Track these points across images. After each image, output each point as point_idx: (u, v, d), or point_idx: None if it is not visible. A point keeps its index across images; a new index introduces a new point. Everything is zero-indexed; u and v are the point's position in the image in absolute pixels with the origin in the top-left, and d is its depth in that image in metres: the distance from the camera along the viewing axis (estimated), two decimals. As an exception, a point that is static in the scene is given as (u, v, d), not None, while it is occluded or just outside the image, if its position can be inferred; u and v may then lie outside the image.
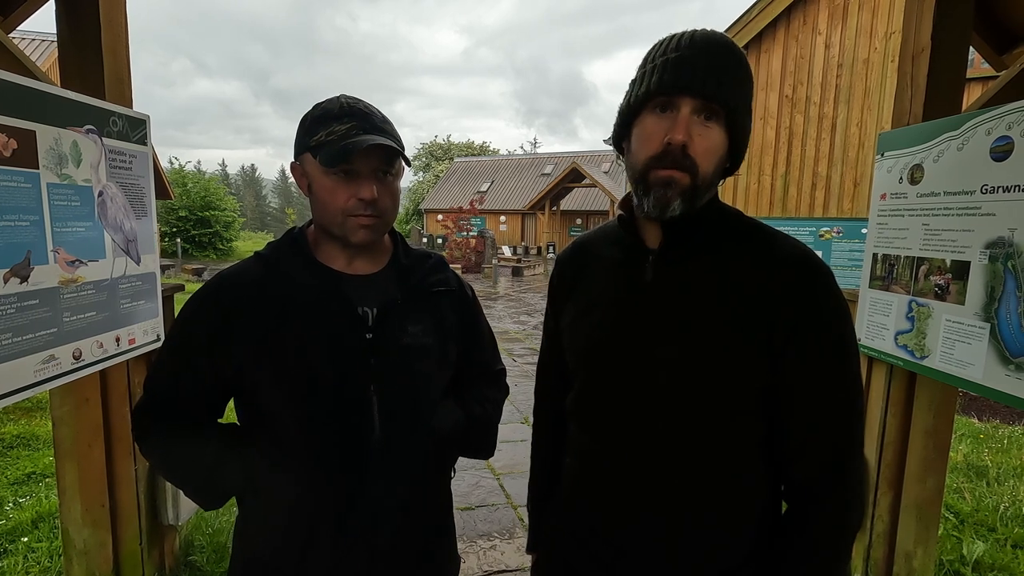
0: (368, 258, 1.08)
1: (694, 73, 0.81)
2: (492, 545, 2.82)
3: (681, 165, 0.83)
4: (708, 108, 0.82)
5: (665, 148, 0.83)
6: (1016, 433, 4.51)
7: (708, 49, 0.83)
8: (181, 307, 1.07)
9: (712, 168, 0.85)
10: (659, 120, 0.84)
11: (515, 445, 4.06)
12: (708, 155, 0.84)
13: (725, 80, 0.82)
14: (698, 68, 0.81)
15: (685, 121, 0.82)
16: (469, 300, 1.22)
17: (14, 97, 1.35)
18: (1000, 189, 1.54)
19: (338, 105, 1.00)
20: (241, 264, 1.07)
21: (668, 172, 0.83)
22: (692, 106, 0.82)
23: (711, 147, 0.84)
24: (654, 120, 0.85)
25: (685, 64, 0.82)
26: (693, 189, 0.84)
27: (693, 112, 0.82)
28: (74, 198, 1.55)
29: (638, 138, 0.87)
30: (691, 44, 0.83)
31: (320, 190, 0.99)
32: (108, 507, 2.04)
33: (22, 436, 4.02)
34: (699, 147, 0.83)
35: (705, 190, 0.86)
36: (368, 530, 1.02)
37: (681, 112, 0.82)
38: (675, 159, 0.82)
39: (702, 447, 0.88)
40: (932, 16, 1.88)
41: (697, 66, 0.82)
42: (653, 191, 0.85)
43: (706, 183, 0.85)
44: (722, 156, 0.86)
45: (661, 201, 0.85)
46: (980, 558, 2.63)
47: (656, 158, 0.84)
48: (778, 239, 0.90)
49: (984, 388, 1.59)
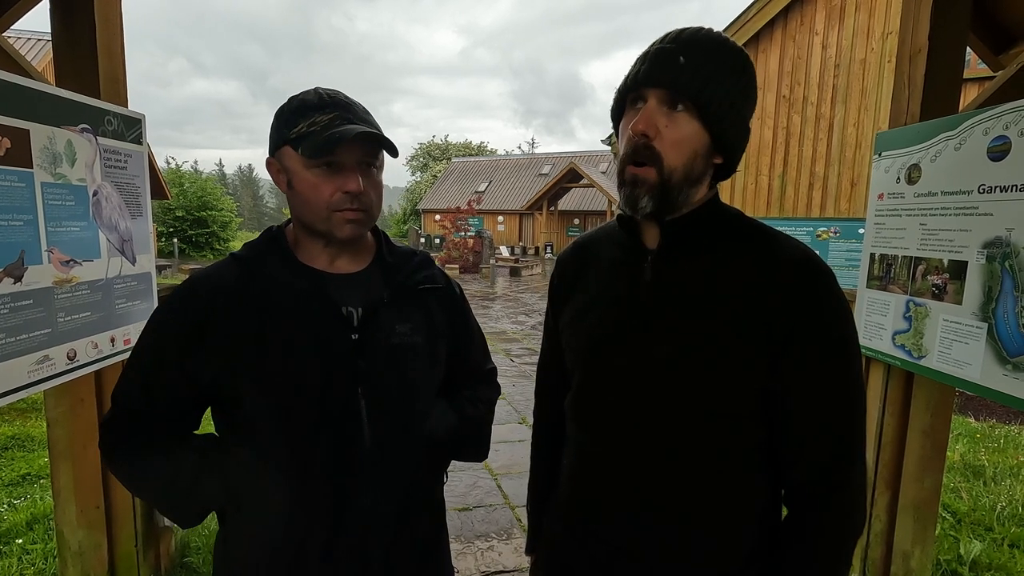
0: (351, 256, 1.03)
1: (658, 65, 0.81)
2: (490, 546, 2.82)
3: (645, 159, 0.82)
4: (672, 99, 0.82)
5: (633, 143, 0.83)
6: (1013, 433, 4.52)
7: (687, 42, 0.82)
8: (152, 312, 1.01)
9: (682, 161, 0.83)
10: (633, 114, 0.85)
11: (513, 445, 4.06)
12: (676, 147, 0.82)
13: (690, 69, 0.81)
14: (663, 60, 0.81)
15: (647, 112, 0.82)
16: (458, 297, 1.17)
17: (8, 96, 1.34)
18: (997, 189, 1.54)
19: (316, 96, 0.95)
20: (216, 265, 1.00)
21: (634, 170, 0.84)
22: (657, 97, 0.82)
23: (679, 138, 0.82)
24: (630, 115, 0.85)
25: (656, 57, 0.82)
26: (661, 185, 0.83)
27: (660, 103, 0.82)
28: (68, 198, 1.54)
29: (620, 136, 0.88)
30: (670, 39, 0.84)
31: (302, 184, 0.94)
32: (103, 508, 2.03)
33: (16, 437, 4.00)
34: (666, 139, 0.82)
35: (679, 185, 0.84)
36: (360, 541, 0.97)
37: (648, 104, 0.82)
38: (639, 152, 0.83)
39: (701, 447, 0.87)
40: (929, 16, 1.88)
41: (664, 58, 0.82)
42: (624, 188, 0.86)
43: (677, 177, 0.83)
44: (697, 149, 0.84)
45: (630, 200, 0.85)
46: (977, 558, 2.64)
47: (629, 154, 0.84)
48: (779, 240, 0.89)
49: (981, 388, 1.59)
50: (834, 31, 6.77)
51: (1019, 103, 1.50)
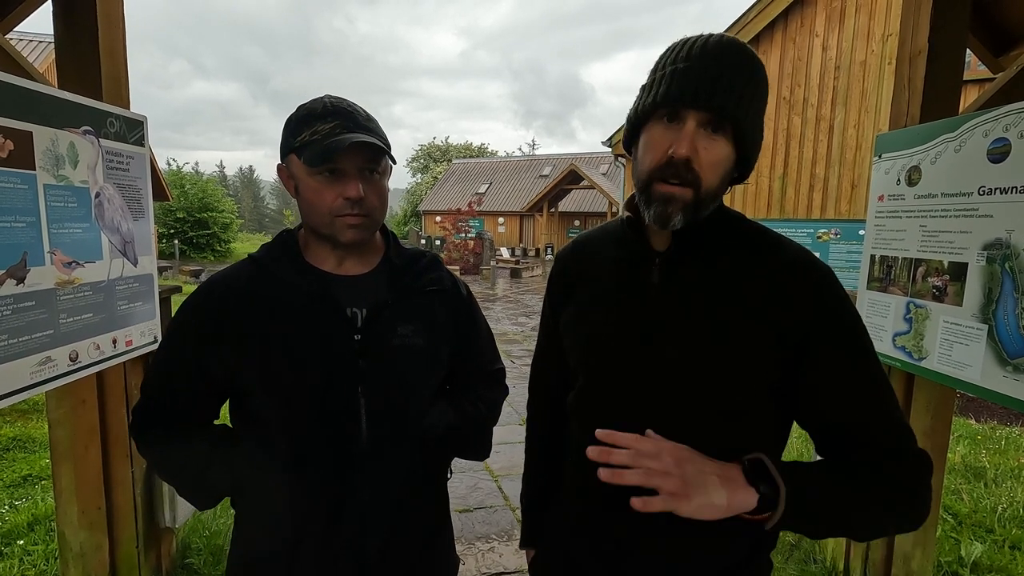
0: (359, 258, 1.08)
1: (701, 85, 0.80)
2: (491, 547, 2.82)
3: (684, 179, 0.82)
4: (715, 122, 0.81)
5: (668, 160, 0.82)
6: (1014, 434, 4.52)
7: (719, 59, 0.81)
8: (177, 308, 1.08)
9: (717, 181, 0.84)
10: (665, 131, 0.84)
11: (513, 447, 4.06)
12: (713, 168, 0.83)
13: (734, 92, 0.80)
14: (705, 80, 0.80)
15: (690, 135, 0.81)
16: (463, 298, 1.19)
17: (11, 98, 1.34)
18: (997, 191, 1.55)
19: (321, 105, 0.99)
20: (235, 266, 1.07)
21: (670, 188, 0.83)
22: (698, 119, 0.81)
23: (717, 160, 0.83)
24: (660, 130, 0.84)
25: (693, 75, 0.81)
26: (696, 203, 0.84)
27: (699, 125, 0.81)
28: (71, 199, 1.54)
29: (644, 146, 0.87)
30: (701, 54, 0.82)
31: (306, 191, 0.99)
32: (104, 509, 2.03)
33: (18, 438, 4.01)
34: (704, 160, 0.82)
35: (709, 202, 0.86)
36: (357, 535, 1.01)
37: (687, 125, 0.81)
38: (677, 172, 0.82)
39: (706, 447, 0.88)
40: (929, 19, 1.89)
41: (704, 78, 0.80)
42: (654, 205, 0.85)
43: (710, 196, 0.85)
44: (728, 168, 0.85)
45: (661, 216, 0.85)
46: (978, 559, 2.63)
47: (660, 169, 0.83)
48: (783, 243, 0.90)
49: (982, 389, 1.59)
50: (834, 33, 6.78)
51: (1019, 105, 1.50)
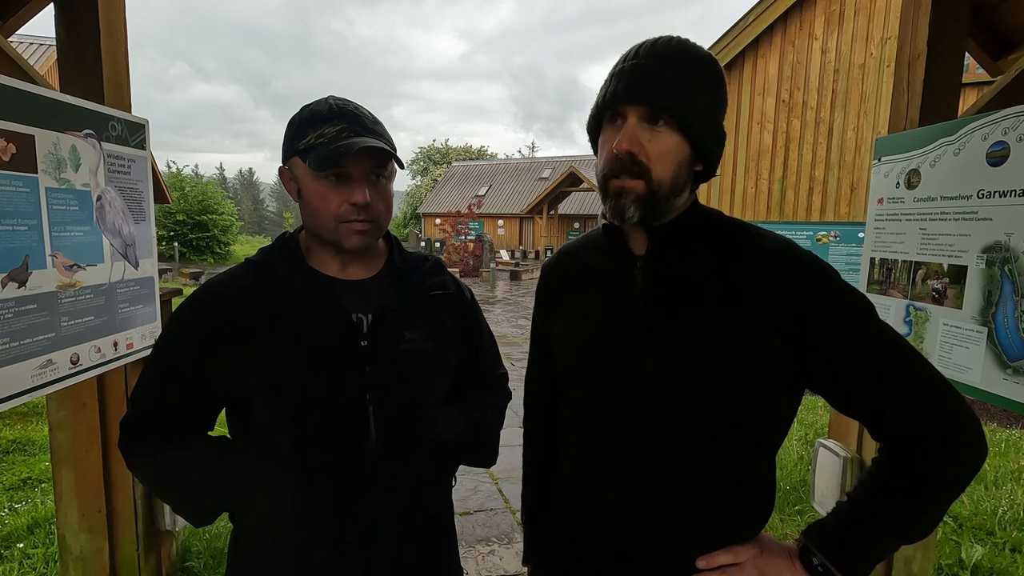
0: (362, 263, 1.05)
1: (636, 81, 0.83)
2: (491, 550, 2.82)
3: (632, 172, 0.84)
4: (653, 115, 0.83)
5: (615, 157, 0.84)
6: (1014, 437, 4.52)
7: (660, 56, 0.84)
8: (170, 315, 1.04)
9: (670, 173, 0.85)
10: (613, 131, 0.86)
11: (514, 450, 4.04)
12: (661, 160, 0.84)
13: (675, 86, 0.82)
14: (640, 76, 0.83)
15: (629, 130, 0.83)
16: (468, 303, 1.18)
17: (13, 101, 1.35)
18: (997, 194, 1.55)
19: (327, 106, 0.96)
20: (231, 271, 1.02)
21: (620, 181, 0.85)
22: (638, 114, 0.83)
23: (663, 152, 0.84)
24: (609, 132, 0.87)
25: (631, 73, 0.84)
26: (650, 195, 0.85)
27: (640, 120, 0.83)
28: (72, 202, 1.54)
29: (599, 150, 0.91)
30: (639, 54, 0.85)
31: (311, 195, 0.96)
32: (105, 512, 2.02)
33: (18, 441, 4.00)
34: (651, 152, 0.84)
35: (667, 195, 0.86)
36: (365, 545, 0.98)
37: (628, 121, 0.84)
38: (624, 166, 0.84)
39: (700, 452, 0.87)
40: (928, 22, 1.89)
41: (642, 75, 0.83)
42: (609, 200, 0.87)
43: (664, 187, 0.85)
44: (681, 160, 0.86)
45: (616, 209, 0.86)
46: (979, 562, 2.63)
47: (609, 167, 0.86)
48: (763, 234, 0.91)
49: (982, 392, 1.59)
50: (833, 36, 6.79)
51: (1018, 108, 1.50)
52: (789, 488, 3.39)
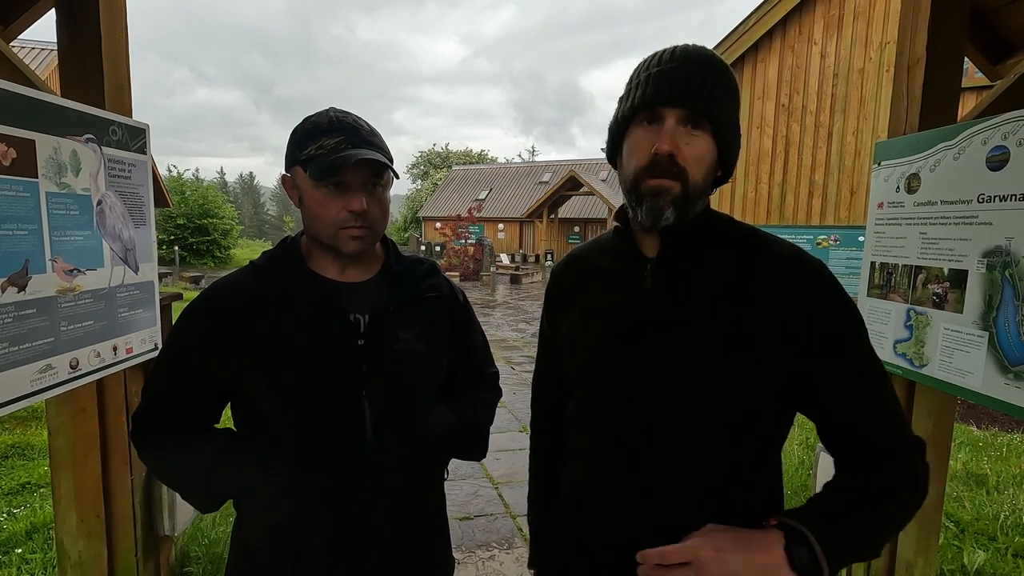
0: (360, 266, 1.11)
1: (677, 84, 0.84)
2: (491, 555, 2.80)
3: (670, 173, 0.85)
4: (693, 118, 0.85)
5: (653, 158, 0.85)
6: (1015, 441, 4.51)
7: (691, 61, 0.85)
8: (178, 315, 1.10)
9: (702, 176, 0.87)
10: (647, 132, 0.87)
11: (514, 454, 4.05)
12: (697, 163, 0.86)
13: (709, 91, 0.84)
14: (681, 80, 0.84)
15: (671, 131, 0.84)
16: (461, 305, 1.24)
17: (14, 106, 1.35)
18: (996, 198, 1.55)
19: (327, 119, 1.02)
20: (236, 273, 1.09)
21: (658, 181, 0.85)
22: (677, 116, 0.84)
23: (699, 155, 0.86)
24: (642, 133, 0.87)
25: (669, 77, 0.85)
26: (685, 197, 0.86)
27: (679, 122, 0.84)
28: (73, 207, 1.55)
29: (628, 151, 0.90)
30: (673, 58, 0.86)
31: (311, 203, 1.02)
32: (104, 518, 2.02)
33: (17, 446, 4.00)
34: (688, 155, 0.85)
35: (697, 198, 0.88)
36: (361, 535, 1.03)
37: (667, 123, 0.85)
38: (663, 168, 0.84)
39: (709, 453, 0.88)
40: (927, 27, 1.90)
41: (680, 78, 0.84)
42: (645, 201, 0.87)
43: (697, 191, 0.87)
44: (711, 165, 0.88)
45: (653, 210, 0.86)
46: (981, 567, 2.62)
47: (646, 168, 0.86)
48: (771, 241, 0.92)
49: (983, 396, 1.59)
50: (832, 41, 6.81)
51: (1017, 113, 1.51)
52: (790, 493, 3.38)
